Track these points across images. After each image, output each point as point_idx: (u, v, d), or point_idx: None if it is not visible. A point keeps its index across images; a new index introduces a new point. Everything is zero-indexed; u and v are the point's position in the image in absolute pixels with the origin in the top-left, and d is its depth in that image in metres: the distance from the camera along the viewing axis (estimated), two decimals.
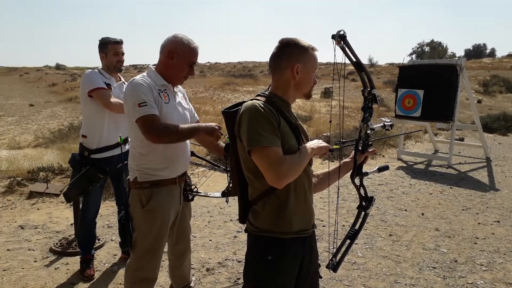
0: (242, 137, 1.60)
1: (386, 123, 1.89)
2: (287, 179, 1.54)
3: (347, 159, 1.94)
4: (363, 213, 1.86)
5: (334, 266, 1.84)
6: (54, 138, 9.58)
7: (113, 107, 3.02)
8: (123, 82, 3.28)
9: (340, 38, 1.62)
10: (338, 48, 1.64)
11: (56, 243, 3.82)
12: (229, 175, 1.95)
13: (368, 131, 1.77)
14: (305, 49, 1.70)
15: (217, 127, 2.29)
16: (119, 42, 3.18)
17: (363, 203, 1.85)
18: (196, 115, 2.58)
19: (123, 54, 3.22)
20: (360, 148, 1.81)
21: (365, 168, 1.86)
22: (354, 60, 1.69)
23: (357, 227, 1.86)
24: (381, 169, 1.99)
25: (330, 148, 1.74)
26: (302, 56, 1.69)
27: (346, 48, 1.65)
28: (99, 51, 3.18)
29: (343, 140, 1.88)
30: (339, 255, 1.85)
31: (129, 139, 3.22)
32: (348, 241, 1.85)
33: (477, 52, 66.00)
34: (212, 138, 2.31)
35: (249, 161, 1.63)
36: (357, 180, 1.84)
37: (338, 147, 1.85)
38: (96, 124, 3.12)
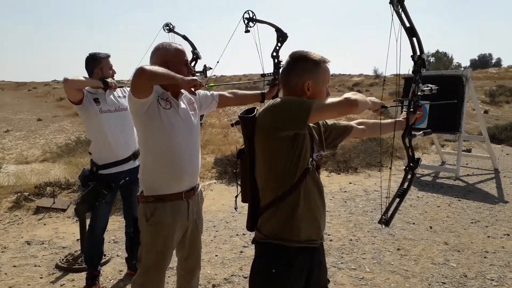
0: (285, 119, 1.60)
1: (432, 87, 1.99)
2: (354, 99, 1.61)
3: (400, 118, 2.10)
4: (410, 173, 1.97)
5: (386, 221, 1.93)
6: (61, 152, 9.62)
7: (70, 82, 2.95)
8: (120, 88, 3.27)
9: (398, 2, 1.72)
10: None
11: (62, 259, 3.81)
12: (239, 182, 1.96)
13: (419, 93, 1.90)
14: (316, 64, 1.69)
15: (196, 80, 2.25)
16: (109, 56, 3.20)
17: (411, 164, 1.97)
18: (215, 93, 2.68)
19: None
20: (412, 109, 1.95)
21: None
22: (408, 25, 1.79)
23: (405, 186, 1.98)
24: (426, 133, 2.17)
25: (384, 105, 1.93)
26: (313, 71, 1.69)
27: (402, 13, 1.75)
28: (92, 68, 3.14)
29: (399, 99, 2.06)
30: (390, 211, 1.95)
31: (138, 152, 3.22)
32: (397, 200, 1.97)
33: (482, 62, 65.75)
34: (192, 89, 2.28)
35: (272, 158, 1.65)
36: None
37: (388, 107, 2.05)
38: (98, 141, 3.15)
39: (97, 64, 3.13)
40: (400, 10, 1.74)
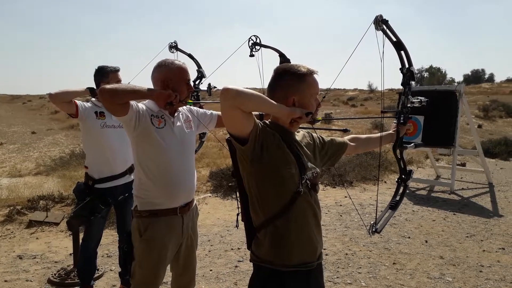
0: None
1: (422, 99, 2.02)
2: (237, 91, 1.44)
3: (390, 131, 2.10)
4: (403, 185, 2.04)
5: (376, 230, 1.97)
6: (55, 165, 9.55)
7: (53, 96, 2.91)
8: None
9: (382, 22, 1.81)
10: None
11: (54, 274, 3.76)
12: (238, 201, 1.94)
13: (409, 105, 1.92)
14: (300, 78, 1.63)
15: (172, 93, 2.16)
16: (118, 70, 3.18)
17: (403, 176, 2.02)
18: (214, 113, 2.66)
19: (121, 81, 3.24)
20: (402, 120, 1.96)
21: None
22: (395, 39, 1.87)
23: (397, 198, 2.01)
24: (418, 145, 2.20)
25: (309, 112, 1.64)
26: (297, 86, 1.63)
27: (388, 30, 1.84)
28: (100, 80, 3.09)
29: (385, 110, 2.02)
30: (381, 221, 1.98)
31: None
32: (390, 211, 2.00)
33: (476, 77, 66.47)
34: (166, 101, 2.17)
35: (250, 182, 1.64)
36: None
37: (321, 119, 1.80)
38: (96, 155, 3.12)
39: (104, 77, 3.06)
40: (385, 28, 1.81)
